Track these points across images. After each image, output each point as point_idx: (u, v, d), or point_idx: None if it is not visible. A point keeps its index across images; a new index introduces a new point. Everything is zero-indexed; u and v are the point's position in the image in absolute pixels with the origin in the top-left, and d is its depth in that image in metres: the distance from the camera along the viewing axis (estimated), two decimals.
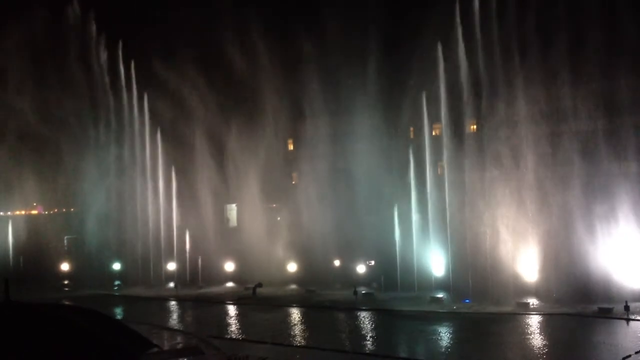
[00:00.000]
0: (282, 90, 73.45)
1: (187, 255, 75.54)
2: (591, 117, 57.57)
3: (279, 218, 74.94)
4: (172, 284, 71.78)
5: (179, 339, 44.61)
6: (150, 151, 78.74)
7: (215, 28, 73.16)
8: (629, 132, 56.93)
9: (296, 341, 43.74)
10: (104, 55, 79.40)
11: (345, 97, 70.32)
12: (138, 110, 79.19)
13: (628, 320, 46.57)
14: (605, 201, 55.51)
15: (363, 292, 61.71)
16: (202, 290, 69.31)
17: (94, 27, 78.90)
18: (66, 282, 78.49)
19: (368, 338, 45.52)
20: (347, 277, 65.98)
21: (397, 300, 58.52)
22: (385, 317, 52.59)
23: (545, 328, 46.54)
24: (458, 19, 60.37)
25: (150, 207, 78.83)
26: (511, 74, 58.81)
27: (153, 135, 78.60)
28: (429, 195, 63.95)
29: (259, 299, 62.34)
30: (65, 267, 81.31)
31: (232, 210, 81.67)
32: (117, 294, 71.23)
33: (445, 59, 60.93)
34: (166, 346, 40.83)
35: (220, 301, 62.93)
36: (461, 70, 60.44)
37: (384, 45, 67.34)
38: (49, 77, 77.82)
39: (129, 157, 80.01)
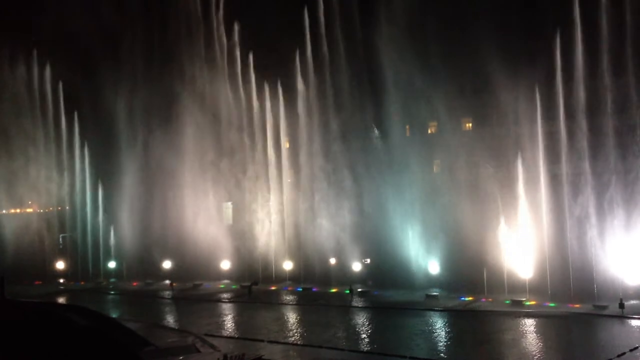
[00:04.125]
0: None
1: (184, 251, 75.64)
2: (598, 115, 57.58)
3: (274, 216, 74.84)
4: (167, 281, 71.69)
5: (174, 336, 44.50)
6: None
7: None
8: (629, 130, 57.09)
9: (292, 339, 43.72)
10: None
11: (343, 96, 70.31)
12: (142, 104, 79.20)
13: (622, 317, 46.78)
14: (600, 199, 55.66)
15: (359, 289, 61.78)
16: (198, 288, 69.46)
17: None
18: (61, 280, 78.47)
19: (363, 335, 45.55)
20: (343, 275, 66.01)
21: (393, 297, 58.70)
22: (380, 315, 52.70)
23: (538, 326, 46.62)
24: None
25: (148, 204, 78.91)
26: None
27: (152, 133, 78.69)
28: (424, 194, 64.14)
29: (254, 297, 62.34)
30: (60, 264, 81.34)
31: (228, 208, 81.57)
32: (112, 291, 71.15)
33: None
34: (161, 344, 40.74)
35: (216, 299, 62.94)
36: None
37: None
38: None
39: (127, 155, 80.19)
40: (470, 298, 56.24)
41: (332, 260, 69.22)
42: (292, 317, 54.27)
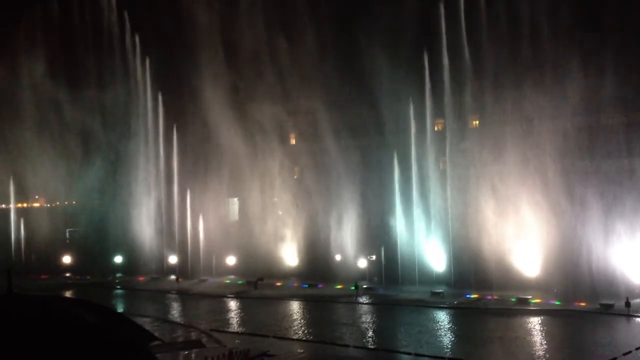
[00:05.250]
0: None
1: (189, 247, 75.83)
2: (598, 113, 57.39)
3: (280, 212, 74.86)
4: (173, 277, 71.92)
5: (180, 332, 44.72)
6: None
7: None
8: (632, 128, 56.84)
9: (297, 334, 43.82)
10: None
11: (348, 91, 70.18)
12: (148, 105, 79.33)
13: (629, 316, 46.65)
14: (607, 197, 55.45)
15: (364, 286, 61.84)
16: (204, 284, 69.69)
17: None
18: (68, 274, 78.80)
19: (368, 332, 45.58)
20: (348, 272, 66.03)
21: (398, 294, 58.72)
22: (385, 311, 52.79)
23: (544, 324, 46.56)
24: None
25: (150, 203, 79.17)
26: None
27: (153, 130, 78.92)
28: (430, 191, 64.07)
29: (260, 293, 62.46)
30: (67, 259, 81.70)
31: (234, 204, 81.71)
32: (118, 286, 71.43)
33: None
34: (168, 339, 40.95)
35: (221, 295, 63.13)
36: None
37: None
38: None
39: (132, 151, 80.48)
40: (475, 295, 56.17)
41: (338, 257, 69.28)
42: (297, 313, 54.38)
